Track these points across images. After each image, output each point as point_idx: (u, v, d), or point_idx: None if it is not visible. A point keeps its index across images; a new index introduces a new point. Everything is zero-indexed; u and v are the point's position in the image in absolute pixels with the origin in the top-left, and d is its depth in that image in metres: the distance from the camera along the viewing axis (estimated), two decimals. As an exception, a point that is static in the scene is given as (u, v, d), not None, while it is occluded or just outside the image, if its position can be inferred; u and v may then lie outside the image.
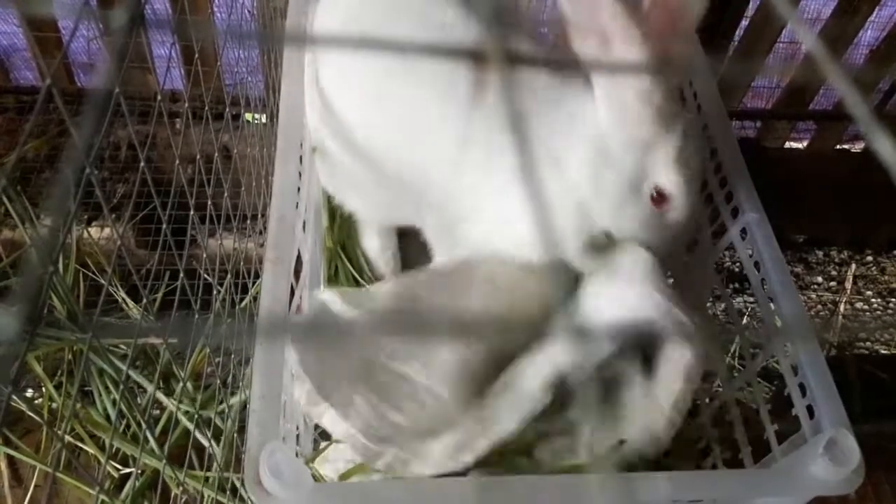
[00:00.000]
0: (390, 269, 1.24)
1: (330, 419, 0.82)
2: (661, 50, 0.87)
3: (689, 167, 0.91)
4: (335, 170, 1.11)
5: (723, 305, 1.07)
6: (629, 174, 0.91)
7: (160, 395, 1.46)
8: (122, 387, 1.44)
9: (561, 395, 1.02)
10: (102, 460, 1.39)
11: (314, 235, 1.10)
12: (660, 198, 0.92)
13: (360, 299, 0.93)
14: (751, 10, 2.07)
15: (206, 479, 1.33)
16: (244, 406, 1.38)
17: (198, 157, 1.01)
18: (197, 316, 1.18)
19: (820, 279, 2.30)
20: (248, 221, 1.65)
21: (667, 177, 0.91)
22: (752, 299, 1.97)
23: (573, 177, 0.92)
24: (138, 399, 1.50)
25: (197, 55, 1.03)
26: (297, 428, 0.89)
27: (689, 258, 1.15)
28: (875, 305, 2.24)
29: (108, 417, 1.45)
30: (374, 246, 1.23)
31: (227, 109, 1.33)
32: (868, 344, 2.11)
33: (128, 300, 1.67)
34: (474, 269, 1.03)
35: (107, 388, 1.49)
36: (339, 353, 0.87)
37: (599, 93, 0.90)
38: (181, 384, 1.25)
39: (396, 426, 0.87)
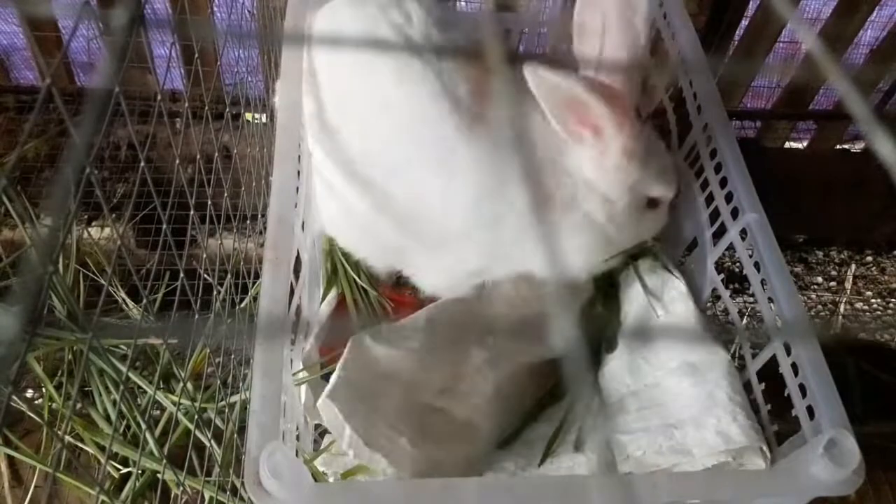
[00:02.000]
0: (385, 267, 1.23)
1: (380, 466, 0.83)
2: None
3: (662, 166, 1.04)
4: (329, 190, 1.10)
5: (723, 306, 1.07)
6: (631, 205, 1.03)
7: (161, 398, 1.46)
8: (121, 388, 1.44)
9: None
10: (102, 460, 1.39)
11: (313, 235, 1.10)
12: (652, 202, 1.06)
13: (393, 336, 0.93)
14: (751, 9, 2.06)
15: (207, 479, 1.33)
16: (244, 406, 1.38)
17: (198, 156, 1.01)
18: (197, 316, 1.18)
19: (820, 279, 2.30)
20: (248, 221, 1.65)
21: (655, 189, 1.04)
22: (752, 299, 1.97)
23: (597, 219, 1.02)
24: (138, 399, 1.50)
25: (197, 55, 1.03)
26: (297, 428, 0.89)
27: (689, 258, 1.15)
28: (875, 306, 2.24)
29: (108, 418, 1.45)
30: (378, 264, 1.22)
31: (227, 109, 1.33)
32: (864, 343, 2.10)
33: (128, 300, 1.67)
34: (494, 292, 1.04)
35: (107, 388, 1.48)
36: (383, 395, 0.87)
37: (589, 162, 0.99)
38: (181, 384, 1.25)
39: (437, 462, 0.87)
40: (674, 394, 0.95)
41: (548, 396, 1.04)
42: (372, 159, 1.01)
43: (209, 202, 1.05)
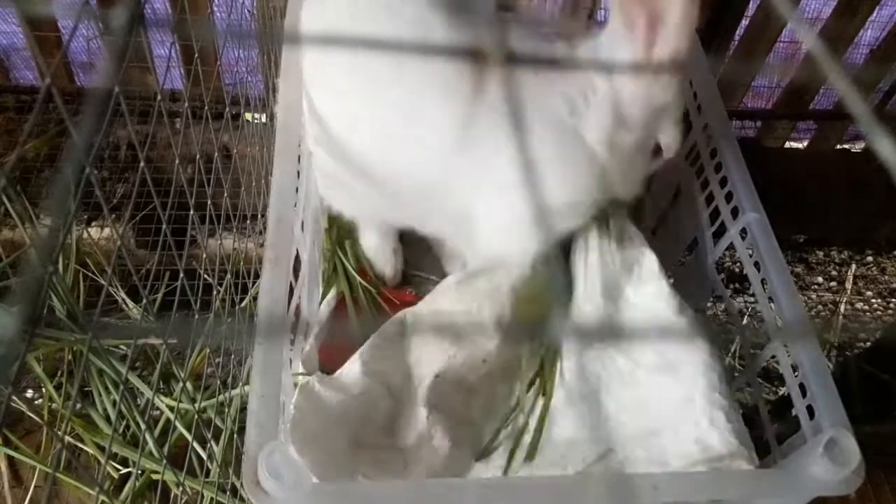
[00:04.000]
0: (391, 266, 1.22)
1: None
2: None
3: (679, 117, 0.99)
4: (328, 174, 1.09)
5: (723, 305, 1.07)
6: (644, 135, 0.97)
7: (159, 402, 1.46)
8: (121, 388, 1.43)
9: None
10: (102, 461, 1.39)
11: (313, 235, 1.10)
12: (657, 150, 1.00)
13: (336, 384, 0.92)
14: (751, 9, 2.06)
15: (206, 479, 1.33)
16: (244, 406, 1.38)
17: (197, 156, 1.01)
18: (197, 316, 1.18)
19: (820, 279, 2.30)
20: (248, 221, 1.65)
21: (670, 133, 0.98)
22: (752, 299, 1.97)
23: (591, 145, 0.95)
24: (138, 400, 1.50)
25: (196, 55, 1.03)
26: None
27: (689, 258, 1.15)
28: (875, 306, 2.24)
29: (108, 418, 1.45)
30: (372, 243, 1.21)
31: (227, 109, 1.33)
32: (868, 344, 2.11)
33: (128, 300, 1.67)
34: (416, 324, 1.02)
35: (107, 388, 1.48)
36: (333, 439, 0.87)
37: (633, 58, 0.90)
38: (181, 384, 1.25)
39: None
40: (652, 393, 0.92)
41: (520, 401, 1.02)
42: (355, 99, 0.98)
43: (209, 202, 1.05)
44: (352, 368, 0.94)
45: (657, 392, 0.92)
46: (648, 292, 0.98)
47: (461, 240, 1.10)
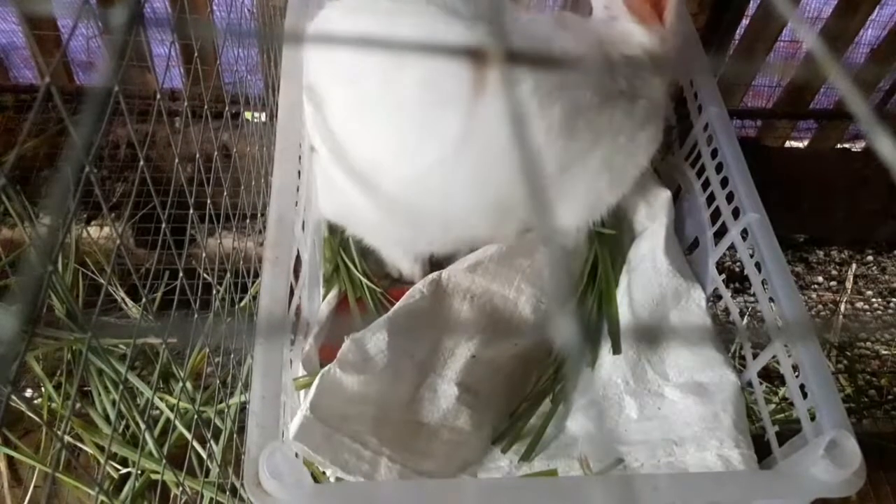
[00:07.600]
0: (420, 266, 1.16)
1: None
2: None
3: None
4: (340, 201, 1.08)
5: (724, 305, 1.07)
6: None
7: (159, 402, 1.46)
8: (121, 387, 1.43)
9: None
10: (102, 460, 1.39)
11: (313, 234, 1.10)
12: None
13: (360, 364, 0.91)
14: (751, 9, 2.06)
15: (206, 479, 1.33)
16: (244, 406, 1.37)
17: (197, 155, 1.00)
18: (196, 315, 1.17)
19: (820, 279, 2.29)
20: (248, 220, 1.64)
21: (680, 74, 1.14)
22: (753, 299, 1.96)
23: (656, 99, 1.05)
24: (137, 399, 1.50)
25: (196, 54, 1.03)
26: (297, 428, 0.89)
27: (690, 258, 1.15)
28: (876, 305, 2.24)
29: (107, 418, 1.45)
30: (399, 252, 1.15)
31: (227, 108, 1.32)
32: (869, 344, 2.10)
33: (127, 300, 1.67)
34: (449, 285, 1.02)
35: (106, 388, 1.48)
36: (356, 420, 0.87)
37: (654, 43, 1.03)
38: (180, 384, 1.25)
39: (429, 474, 0.87)
40: (678, 409, 0.95)
41: (542, 389, 1.03)
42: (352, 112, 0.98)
43: (208, 201, 1.05)
44: (377, 337, 0.92)
45: (684, 408, 0.95)
46: (692, 322, 1.03)
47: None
